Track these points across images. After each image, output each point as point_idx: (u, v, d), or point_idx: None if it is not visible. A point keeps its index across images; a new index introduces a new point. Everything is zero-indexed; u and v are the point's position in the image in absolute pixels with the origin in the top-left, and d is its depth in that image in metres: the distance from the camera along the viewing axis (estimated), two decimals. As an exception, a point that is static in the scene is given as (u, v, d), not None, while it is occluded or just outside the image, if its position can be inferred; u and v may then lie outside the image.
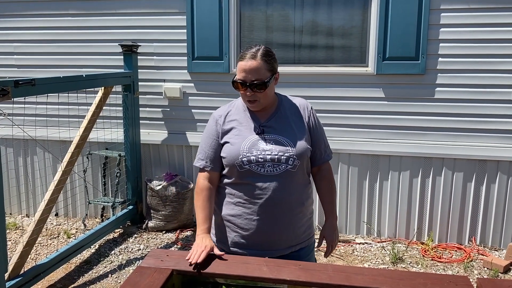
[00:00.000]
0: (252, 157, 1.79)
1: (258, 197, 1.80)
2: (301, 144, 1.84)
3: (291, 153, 1.80)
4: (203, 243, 1.72)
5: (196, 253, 1.67)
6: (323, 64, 4.08)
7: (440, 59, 3.83)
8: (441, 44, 3.81)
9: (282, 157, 1.79)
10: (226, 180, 1.89)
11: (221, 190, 1.91)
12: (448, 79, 3.85)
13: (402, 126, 4.00)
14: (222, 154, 1.86)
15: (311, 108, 1.97)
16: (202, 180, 1.90)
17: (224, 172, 1.89)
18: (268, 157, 1.79)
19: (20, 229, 4.35)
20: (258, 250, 1.82)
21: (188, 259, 1.66)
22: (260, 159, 1.78)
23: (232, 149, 1.82)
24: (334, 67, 4.05)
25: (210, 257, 1.69)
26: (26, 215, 4.77)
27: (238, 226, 1.85)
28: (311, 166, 1.97)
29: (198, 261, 1.63)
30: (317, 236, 2.01)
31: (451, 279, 1.56)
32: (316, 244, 2.07)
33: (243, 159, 1.79)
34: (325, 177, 2.02)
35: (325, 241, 2.03)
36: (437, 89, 3.89)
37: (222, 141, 1.87)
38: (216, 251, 1.72)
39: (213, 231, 1.95)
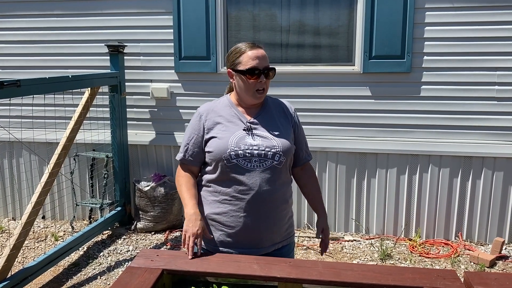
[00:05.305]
0: (240, 151, 1.78)
1: (245, 193, 1.79)
2: (287, 141, 1.86)
3: (277, 149, 1.82)
4: (194, 225, 1.77)
5: (190, 243, 1.72)
6: (310, 63, 4.10)
7: (425, 57, 3.88)
8: (426, 43, 3.86)
9: (269, 152, 1.80)
10: (210, 178, 1.87)
11: (205, 189, 1.90)
12: (434, 77, 3.90)
13: (389, 124, 4.03)
14: (208, 149, 1.85)
15: (294, 109, 2.02)
16: (182, 170, 1.95)
17: (209, 169, 1.87)
18: (255, 152, 1.79)
19: (7, 233, 4.30)
20: (244, 248, 1.82)
21: (187, 255, 1.71)
22: (247, 154, 1.79)
23: (220, 143, 1.81)
24: (321, 66, 4.08)
25: (201, 255, 1.70)
26: (12, 218, 4.71)
27: (224, 224, 1.83)
28: (294, 167, 2.00)
29: (192, 254, 1.71)
30: (304, 235, 2.02)
31: (439, 273, 1.58)
32: (315, 235, 2.08)
33: (231, 153, 1.78)
34: (311, 175, 2.07)
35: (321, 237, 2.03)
36: (423, 87, 3.93)
37: (207, 136, 1.86)
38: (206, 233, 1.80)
39: None
